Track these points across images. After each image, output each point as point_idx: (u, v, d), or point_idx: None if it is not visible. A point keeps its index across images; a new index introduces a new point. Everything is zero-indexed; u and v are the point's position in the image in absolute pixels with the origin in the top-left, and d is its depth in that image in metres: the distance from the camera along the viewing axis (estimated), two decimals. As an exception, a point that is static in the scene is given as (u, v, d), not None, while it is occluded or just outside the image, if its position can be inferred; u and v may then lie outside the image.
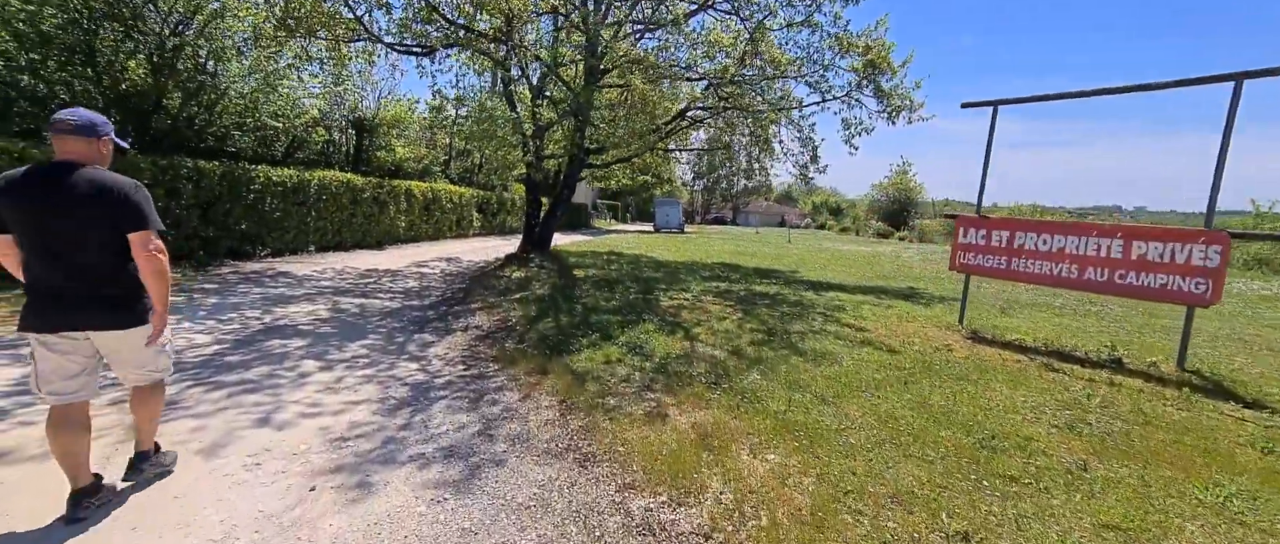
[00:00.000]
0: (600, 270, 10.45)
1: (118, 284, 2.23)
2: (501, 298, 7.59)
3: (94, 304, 2.19)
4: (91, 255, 2.15)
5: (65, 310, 2.15)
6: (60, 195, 2.07)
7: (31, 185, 2.08)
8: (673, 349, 4.93)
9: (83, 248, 2.14)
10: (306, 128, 12.51)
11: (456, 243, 17.55)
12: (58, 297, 2.14)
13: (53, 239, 2.10)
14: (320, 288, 8.12)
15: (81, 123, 2.18)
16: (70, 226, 2.10)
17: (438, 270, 11.02)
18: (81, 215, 2.10)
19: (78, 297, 2.16)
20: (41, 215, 2.08)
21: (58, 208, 2.08)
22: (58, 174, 2.10)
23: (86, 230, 2.13)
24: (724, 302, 7.29)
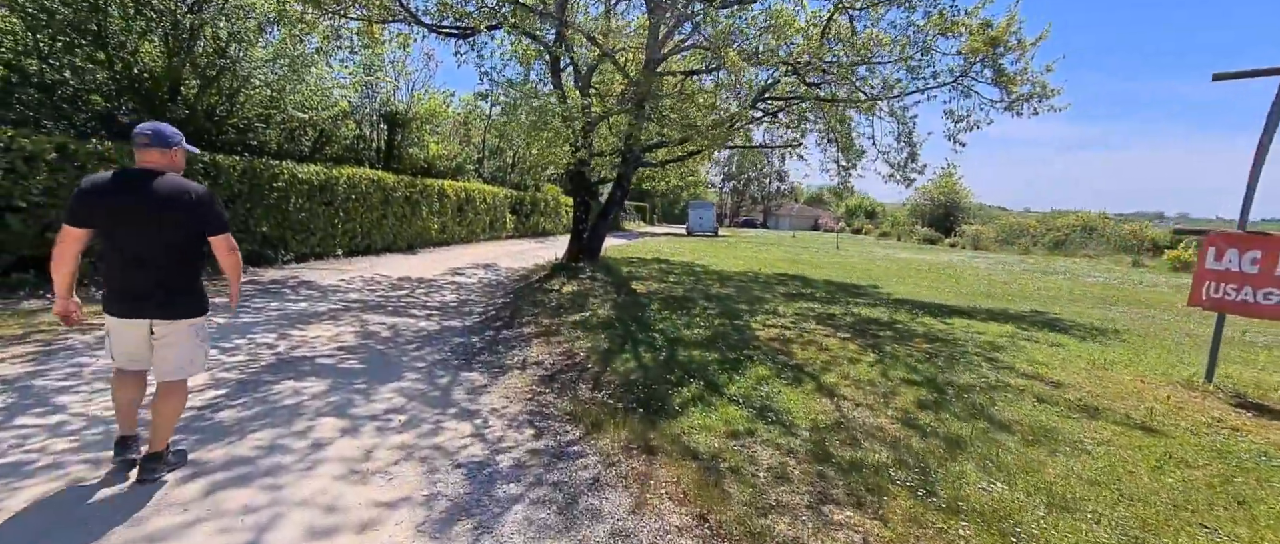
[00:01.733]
0: (659, 282, 9.15)
1: (179, 280, 2.48)
2: (557, 319, 6.35)
3: (157, 297, 2.43)
4: (160, 255, 2.40)
5: (134, 300, 2.42)
6: (141, 199, 2.32)
7: (117, 189, 2.33)
8: (816, 413, 3.58)
9: (154, 247, 2.38)
10: (335, 120, 11.53)
11: (490, 246, 16.49)
12: (130, 288, 2.41)
13: (129, 238, 2.36)
14: (347, 302, 7.00)
15: (156, 135, 2.43)
16: (147, 228, 2.35)
17: (476, 280, 9.87)
18: (157, 218, 2.35)
19: (145, 289, 2.41)
20: (123, 216, 2.32)
21: (137, 210, 2.32)
22: (139, 179, 2.36)
23: (160, 231, 2.38)
24: (834, 331, 5.90)
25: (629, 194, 49.77)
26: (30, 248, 6.05)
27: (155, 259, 2.38)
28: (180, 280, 2.48)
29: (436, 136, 15.98)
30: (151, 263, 2.38)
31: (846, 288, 9.89)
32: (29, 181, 5.91)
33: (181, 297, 2.48)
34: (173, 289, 2.45)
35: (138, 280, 2.39)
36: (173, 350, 2.51)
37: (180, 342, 2.52)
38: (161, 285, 2.42)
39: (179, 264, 2.45)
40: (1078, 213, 28.56)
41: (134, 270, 2.38)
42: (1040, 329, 6.48)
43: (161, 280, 2.42)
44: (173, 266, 2.44)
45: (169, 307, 2.45)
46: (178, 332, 2.50)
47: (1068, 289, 11.62)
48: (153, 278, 2.40)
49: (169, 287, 2.44)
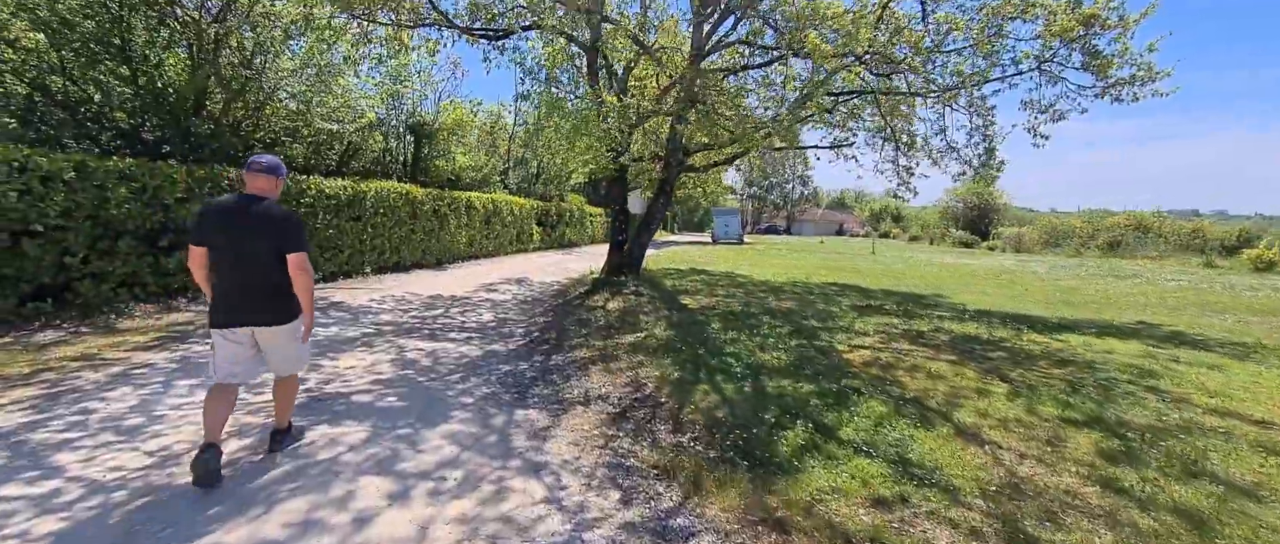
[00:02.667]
0: (709, 296, 8.46)
1: (277, 291, 2.77)
2: (610, 341, 5.70)
3: (258, 306, 2.76)
4: (262, 268, 2.72)
5: (238, 310, 2.74)
6: (251, 220, 2.67)
7: (233, 211, 2.70)
8: (974, 470, 2.85)
9: (258, 262, 2.71)
10: (363, 133, 11.16)
11: (518, 259, 15.99)
12: (235, 300, 2.73)
13: (239, 254, 2.69)
14: (379, 325, 6.46)
15: (272, 167, 2.82)
16: (254, 245, 2.68)
17: (510, 296, 9.30)
18: (262, 236, 2.68)
19: (248, 300, 2.74)
20: (235, 234, 2.67)
21: (248, 230, 2.67)
22: (251, 203, 2.72)
23: (264, 248, 2.69)
24: (935, 352, 5.13)
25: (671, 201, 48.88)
26: (49, 275, 5.64)
27: (253, 271, 2.71)
28: (273, 293, 2.77)
29: (462, 147, 15.60)
30: (250, 275, 2.71)
31: (912, 298, 9.06)
32: (46, 203, 5.51)
33: (273, 306, 2.79)
34: (268, 298, 2.76)
35: (239, 291, 2.72)
36: (276, 353, 2.88)
37: (279, 344, 2.86)
38: (259, 295, 2.74)
39: (272, 278, 2.74)
40: (1128, 212, 27.03)
41: (236, 283, 2.72)
42: (1173, 346, 5.61)
43: (259, 291, 2.74)
44: (268, 279, 2.74)
45: (265, 313, 2.76)
46: (276, 335, 2.82)
47: (1157, 296, 10.58)
48: (251, 289, 2.72)
49: (265, 296, 2.75)
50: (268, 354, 2.88)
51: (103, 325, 5.52)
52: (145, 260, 6.56)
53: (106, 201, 6.05)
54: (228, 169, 7.60)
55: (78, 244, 5.83)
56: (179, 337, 5.30)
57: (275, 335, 2.82)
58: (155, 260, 6.69)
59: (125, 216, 6.24)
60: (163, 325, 5.69)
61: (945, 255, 24.73)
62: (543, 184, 22.13)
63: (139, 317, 5.98)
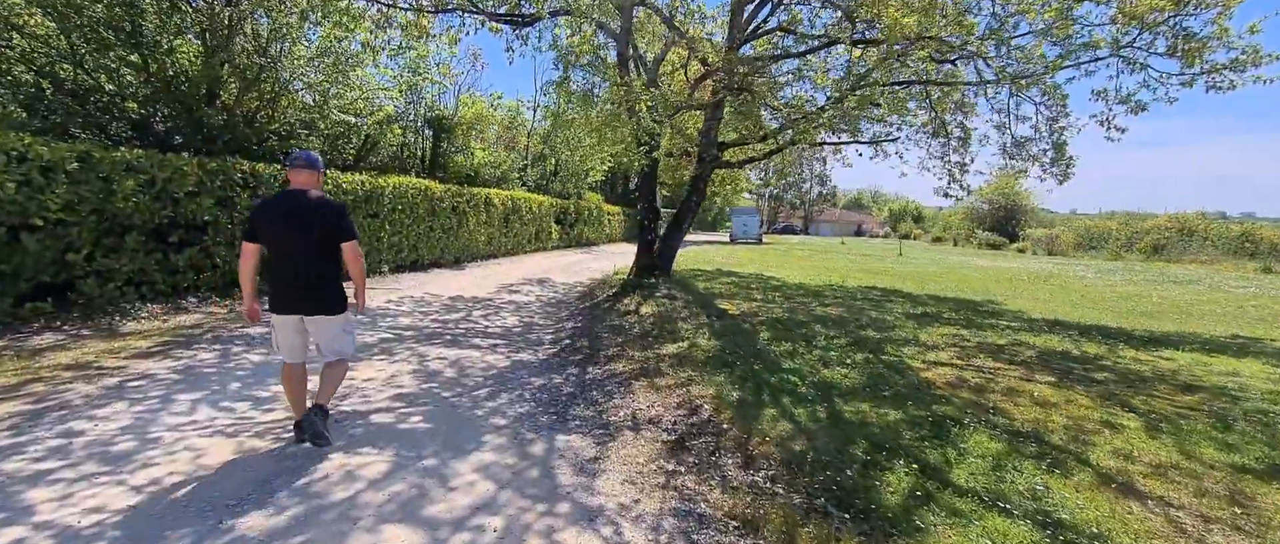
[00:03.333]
0: (747, 300, 7.89)
1: (326, 282, 2.95)
2: (650, 352, 5.17)
3: (310, 296, 2.92)
4: (312, 260, 2.89)
5: (293, 300, 2.91)
6: (301, 214, 2.84)
7: (278, 206, 2.87)
8: (1149, 536, 2.26)
9: (309, 254, 2.87)
10: (380, 126, 10.76)
11: (538, 258, 15.53)
12: (288, 290, 2.91)
13: (290, 246, 2.86)
14: (399, 330, 6.00)
15: (310, 161, 2.97)
16: (302, 236, 2.85)
17: (534, 298, 8.82)
18: (312, 228, 2.85)
19: (301, 290, 2.91)
20: (286, 227, 2.84)
21: (299, 223, 2.83)
22: (297, 197, 2.88)
23: (309, 238, 2.85)
24: (1027, 371, 4.52)
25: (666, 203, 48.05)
26: (49, 273, 5.26)
27: (306, 262, 2.86)
28: (323, 282, 2.92)
29: (481, 143, 15.18)
30: (303, 265, 2.86)
31: (967, 305, 8.40)
32: (46, 196, 5.12)
33: (326, 294, 2.94)
34: (318, 289, 2.91)
35: (292, 281, 2.88)
36: (324, 338, 3.01)
37: (328, 331, 3.00)
38: (310, 285, 2.89)
39: (322, 266, 2.90)
40: (1170, 214, 25.86)
41: (290, 273, 2.87)
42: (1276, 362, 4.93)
43: (310, 281, 2.89)
44: (318, 268, 2.89)
45: (315, 302, 2.91)
46: (324, 323, 2.97)
47: (1233, 304, 9.78)
48: (303, 279, 2.88)
49: (315, 286, 2.90)
50: (316, 339, 3.04)
51: (104, 328, 5.12)
52: (153, 257, 6.17)
53: (112, 195, 5.66)
54: (241, 162, 7.20)
55: (81, 240, 5.44)
56: (184, 341, 4.87)
57: (322, 324, 2.99)
58: (164, 257, 6.31)
59: (132, 211, 5.85)
60: (168, 329, 5.28)
61: (976, 257, 23.86)
62: (561, 181, 21.68)
63: (144, 318, 5.58)
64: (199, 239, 6.70)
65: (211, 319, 5.83)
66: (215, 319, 5.84)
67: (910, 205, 77.45)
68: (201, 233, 6.75)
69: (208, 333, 5.22)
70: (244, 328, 5.51)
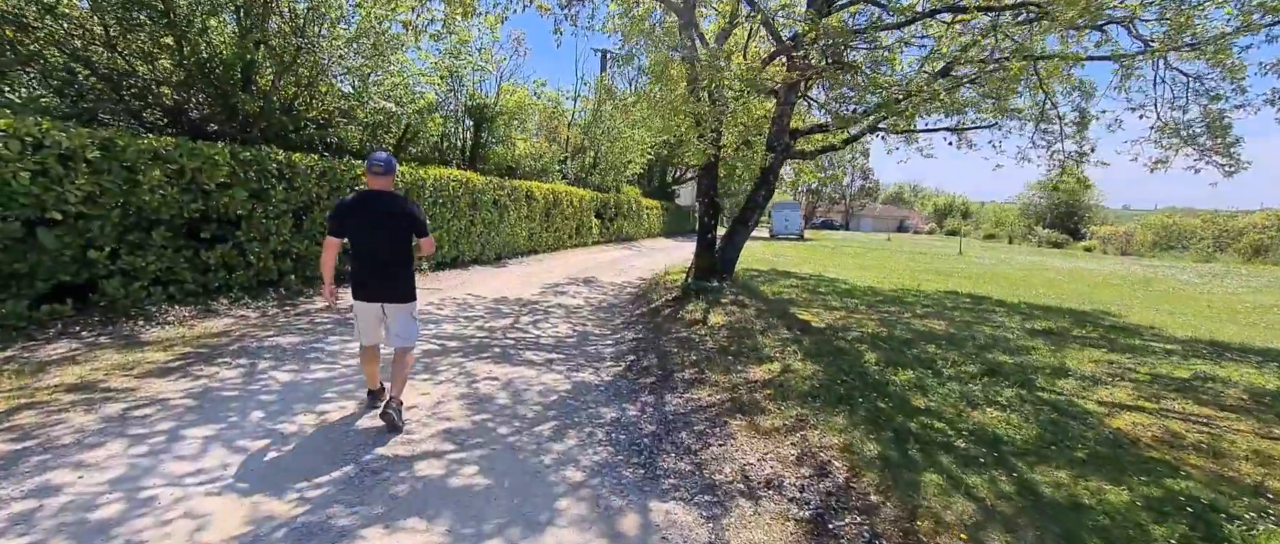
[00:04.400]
0: (825, 309, 6.96)
1: (399, 273, 3.29)
2: (735, 376, 4.34)
3: (386, 286, 3.26)
4: (388, 254, 3.25)
5: (372, 289, 3.25)
6: (380, 212, 3.22)
7: (361, 206, 3.22)
8: None
9: (384, 248, 3.24)
10: (420, 115, 10.19)
11: (580, 255, 14.85)
12: (368, 280, 3.24)
13: (369, 242, 3.22)
14: (442, 339, 5.33)
15: (387, 165, 3.26)
16: (381, 234, 3.21)
17: (583, 301, 8.09)
18: (387, 226, 3.22)
19: (379, 280, 3.25)
20: (369, 225, 3.20)
21: (376, 220, 3.21)
22: (376, 198, 3.24)
23: (389, 235, 3.23)
24: (1252, 420, 3.49)
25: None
26: (70, 272, 4.78)
27: (383, 256, 3.25)
28: (400, 273, 3.30)
29: (522, 134, 14.55)
30: (382, 259, 3.25)
31: (1084, 317, 7.23)
32: (66, 187, 4.62)
33: (401, 285, 3.30)
34: (395, 279, 3.28)
35: (372, 273, 3.25)
36: (397, 325, 3.32)
37: (400, 318, 3.32)
38: (388, 277, 3.27)
39: (399, 260, 3.29)
40: (1267, 210, 23.37)
41: (370, 265, 3.25)
42: None
43: (388, 273, 3.27)
44: (395, 262, 3.28)
45: (391, 292, 3.27)
46: (398, 311, 3.31)
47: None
48: (382, 271, 3.25)
49: (392, 278, 3.28)
50: (390, 324, 3.32)
51: (124, 336, 4.61)
52: (182, 255, 5.68)
53: (137, 186, 5.15)
54: (276, 151, 6.67)
55: (104, 235, 4.95)
56: (206, 354, 4.29)
57: (396, 311, 3.29)
58: (195, 254, 5.82)
59: (159, 204, 5.35)
60: (192, 337, 4.73)
61: (1044, 256, 22.04)
62: (599, 174, 20.93)
63: (170, 323, 5.07)
64: (232, 235, 6.19)
65: (241, 325, 5.28)
66: (245, 325, 5.29)
67: (956, 200, 74.02)
68: (235, 228, 6.24)
69: (235, 343, 4.65)
70: (275, 336, 4.92)
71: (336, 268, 3.39)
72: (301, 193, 6.97)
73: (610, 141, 20.42)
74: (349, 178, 7.65)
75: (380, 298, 3.26)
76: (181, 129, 6.98)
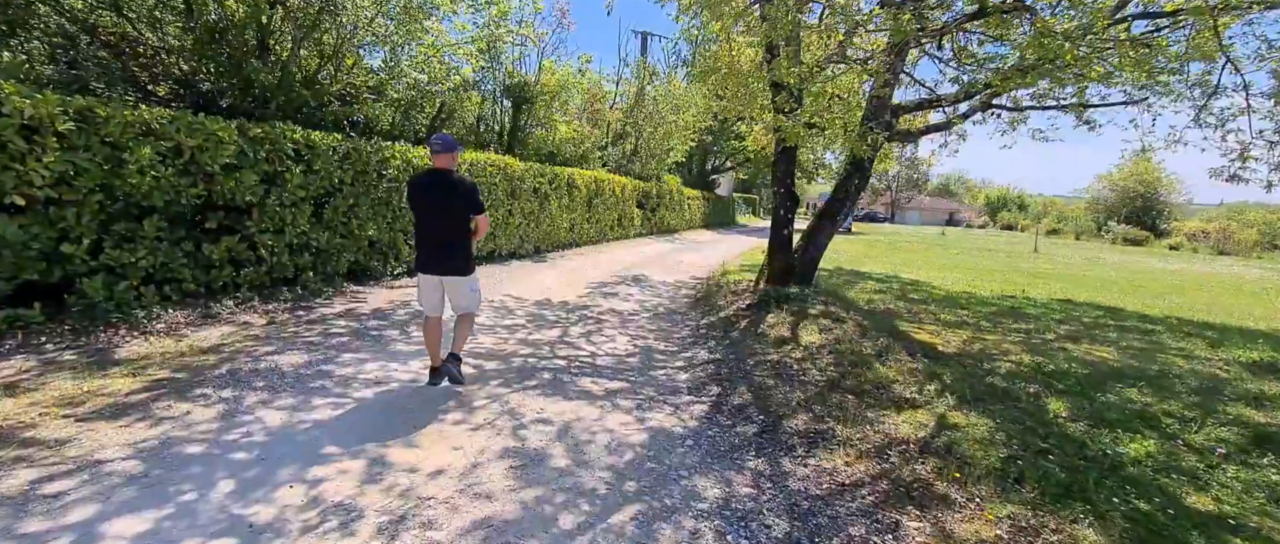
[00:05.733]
0: (943, 326, 5.66)
1: (458, 247, 3.50)
2: (870, 427, 3.16)
3: (446, 259, 3.50)
4: (448, 230, 3.48)
5: (433, 261, 3.49)
6: (442, 191, 3.44)
7: (428, 184, 3.46)
8: None
9: (445, 223, 3.47)
10: (456, 93, 9.23)
11: (623, 248, 13.77)
12: (430, 253, 3.49)
13: (433, 218, 3.46)
14: (479, 359, 4.33)
15: (446, 144, 3.49)
16: (443, 211, 3.45)
17: (636, 304, 7.01)
18: (447, 203, 3.44)
19: (440, 254, 3.49)
20: (433, 202, 3.44)
21: (438, 198, 3.43)
22: (441, 176, 3.45)
23: (450, 212, 3.46)
24: None
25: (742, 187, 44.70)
26: (38, 270, 3.95)
27: (445, 232, 3.47)
28: (459, 247, 3.50)
29: (564, 116, 13.51)
30: (443, 235, 3.47)
31: (1259, 337, 5.70)
32: (28, 164, 3.78)
33: (459, 259, 3.51)
34: (454, 253, 3.49)
35: (434, 247, 3.48)
36: (457, 295, 3.59)
37: (460, 289, 3.58)
38: (447, 251, 3.48)
39: (459, 235, 3.50)
40: None
41: (431, 239, 3.48)
42: None
43: (448, 248, 3.48)
44: (455, 237, 3.49)
45: (451, 265, 3.49)
46: (457, 283, 3.55)
47: None
48: (443, 246, 3.47)
49: (450, 252, 3.48)
50: (449, 296, 3.58)
51: (96, 350, 3.75)
52: (181, 249, 4.83)
53: (123, 166, 4.30)
54: (292, 128, 5.78)
55: (81, 226, 4.11)
56: (183, 382, 3.37)
57: (454, 283, 3.55)
58: (195, 248, 4.97)
59: (151, 188, 4.49)
60: (176, 353, 3.84)
61: (1136, 256, 19.80)
62: (641, 162, 19.76)
63: (158, 332, 4.21)
64: (240, 225, 5.34)
65: (241, 335, 4.39)
66: (246, 335, 4.40)
67: (1010, 192, 69.78)
68: (244, 217, 5.39)
69: (225, 362, 3.73)
70: (276, 353, 4.00)
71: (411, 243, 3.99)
72: (322, 177, 6.08)
73: (653, 127, 19.24)
74: (376, 161, 6.74)
75: (439, 271, 3.49)
76: (193, 104, 6.18)
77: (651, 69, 20.94)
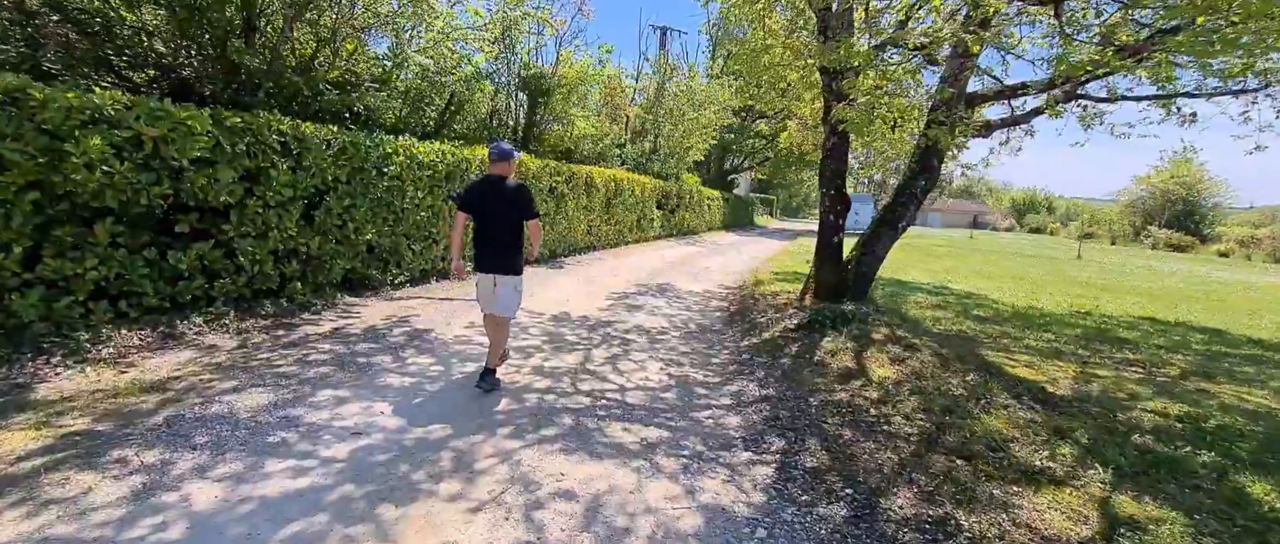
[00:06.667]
0: (1022, 348, 4.75)
1: (510, 250, 3.68)
2: (1005, 513, 2.31)
3: (500, 260, 3.65)
4: (504, 232, 3.65)
5: (488, 261, 3.65)
6: (498, 196, 3.63)
7: (485, 188, 3.67)
8: None
9: (501, 227, 3.64)
10: (467, 84, 8.49)
11: (642, 252, 12.97)
12: (489, 255, 3.65)
13: (489, 221, 3.65)
14: (481, 399, 3.54)
15: (503, 153, 3.71)
16: (499, 215, 3.63)
17: (665, 321, 6.19)
18: (504, 207, 3.63)
19: (495, 255, 3.65)
20: (490, 206, 3.64)
21: (495, 202, 3.63)
22: (496, 182, 3.65)
23: (505, 217, 3.64)
24: None
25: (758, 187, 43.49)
26: (-43, 282, 3.26)
27: (500, 235, 3.65)
28: (511, 250, 3.69)
29: (582, 110, 12.74)
30: (498, 237, 3.64)
31: None
32: (-63, 157, 3.08)
33: (510, 261, 3.68)
34: (506, 255, 3.66)
35: (491, 248, 3.65)
36: (503, 294, 3.68)
37: (505, 290, 3.68)
38: (500, 253, 3.65)
39: (512, 238, 3.68)
40: None
41: (487, 241, 3.65)
42: None
43: (501, 249, 3.66)
44: (508, 240, 3.67)
45: (503, 266, 3.65)
46: (505, 283, 3.67)
47: None
48: (497, 247, 3.65)
49: (504, 254, 3.66)
50: (496, 293, 3.67)
51: (10, 387, 3.04)
52: (141, 257, 4.13)
53: (64, 159, 3.60)
54: (280, 119, 5.06)
55: (10, 230, 3.42)
56: (102, 438, 2.63)
57: (504, 283, 3.67)
58: (160, 256, 4.27)
59: (101, 186, 3.79)
60: (112, 391, 3.12)
61: (1188, 263, 18.50)
62: (660, 160, 18.92)
63: (100, 361, 3.50)
64: (216, 229, 4.64)
65: (200, 366, 3.66)
66: (206, 365, 3.67)
67: (1038, 195, 67.71)
68: (222, 218, 4.68)
69: (169, 403, 3.00)
70: (233, 392, 3.25)
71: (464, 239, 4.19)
72: (314, 174, 5.36)
73: (673, 124, 18.41)
74: (376, 157, 6.02)
75: (494, 270, 3.64)
76: (172, 91, 5.50)
77: (672, 64, 20.13)
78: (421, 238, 6.88)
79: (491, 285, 3.65)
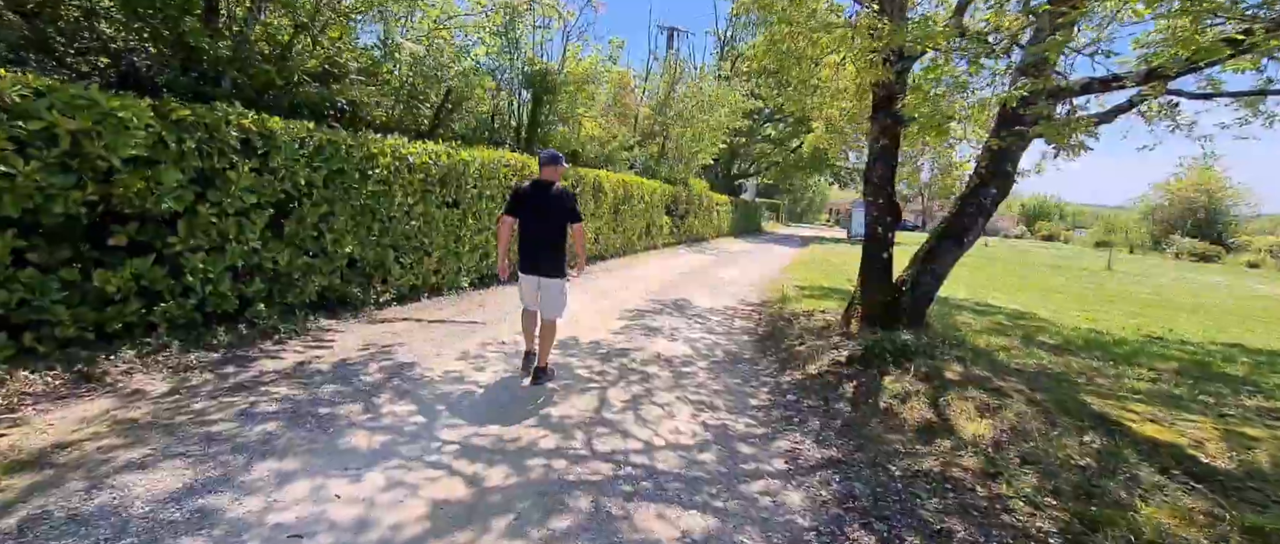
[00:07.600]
0: (1122, 385, 3.92)
1: (555, 252, 3.85)
2: None
3: (545, 261, 3.84)
4: (547, 235, 3.83)
5: (533, 262, 3.85)
6: (544, 199, 3.81)
7: (532, 192, 3.84)
8: None
9: (548, 230, 3.84)
10: (465, 79, 7.71)
11: (653, 261, 12.17)
12: (533, 256, 3.85)
13: (536, 224, 3.83)
14: (480, 451, 2.74)
15: (553, 159, 3.92)
16: (546, 218, 3.82)
17: (687, 347, 5.37)
18: (550, 211, 3.81)
19: (540, 256, 3.84)
20: (535, 209, 3.82)
21: (542, 206, 3.81)
22: (544, 187, 3.85)
23: (550, 221, 3.83)
24: None
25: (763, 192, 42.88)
26: None
27: (545, 238, 3.82)
28: (555, 253, 3.85)
29: (590, 111, 11.96)
30: (544, 240, 3.82)
31: None
32: None
33: (554, 263, 3.84)
34: (551, 258, 3.83)
35: (535, 250, 3.83)
36: (548, 297, 3.88)
37: (550, 291, 3.87)
38: (545, 255, 3.82)
39: (556, 240, 3.84)
40: None
41: (532, 243, 3.83)
42: None
43: (546, 252, 3.82)
44: (553, 243, 3.83)
45: (547, 268, 3.83)
46: (550, 285, 3.86)
47: None
48: (542, 249, 3.82)
49: (549, 256, 3.83)
50: (541, 296, 3.89)
51: None
52: (55, 278, 3.35)
53: (-53, 158, 2.83)
54: (242, 112, 4.29)
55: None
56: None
57: (548, 285, 3.85)
58: (84, 274, 3.49)
59: (4, 189, 3.02)
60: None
61: (1224, 275, 17.62)
62: (669, 165, 18.13)
63: (-19, 415, 2.70)
64: (159, 241, 3.86)
65: (107, 424, 2.86)
66: (116, 422, 2.87)
67: (1048, 201, 66.74)
68: (168, 229, 3.91)
69: (39, 492, 2.20)
70: (136, 469, 2.45)
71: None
72: (283, 177, 4.58)
73: (682, 126, 17.64)
74: (360, 157, 5.24)
75: (538, 272, 3.84)
76: (118, 81, 4.73)
77: (681, 63, 19.39)
78: (411, 250, 6.09)
79: (535, 287, 3.89)
